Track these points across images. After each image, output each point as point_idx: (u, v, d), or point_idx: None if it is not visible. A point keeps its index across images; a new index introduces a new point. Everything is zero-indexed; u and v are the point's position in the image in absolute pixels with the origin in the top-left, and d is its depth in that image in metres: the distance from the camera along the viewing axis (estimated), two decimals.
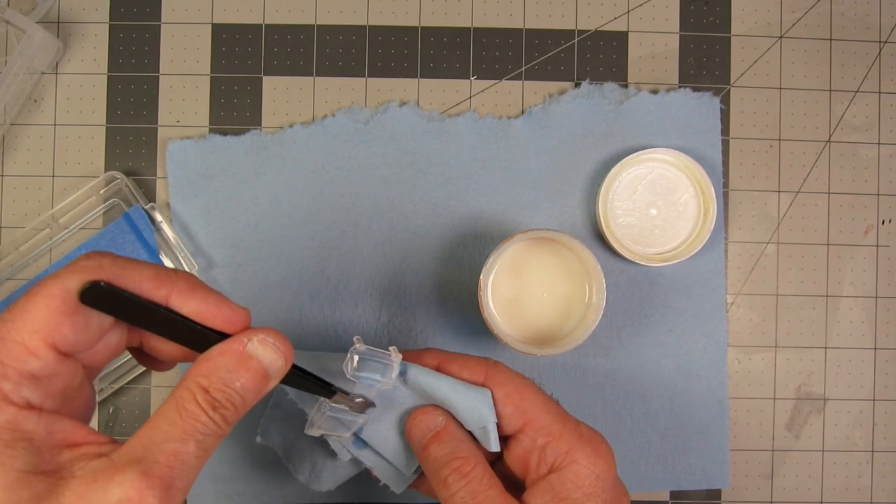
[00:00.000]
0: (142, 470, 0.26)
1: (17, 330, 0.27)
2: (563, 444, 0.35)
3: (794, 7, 0.52)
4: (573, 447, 0.35)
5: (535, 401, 0.37)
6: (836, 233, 0.52)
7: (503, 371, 0.38)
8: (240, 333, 0.31)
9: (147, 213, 0.49)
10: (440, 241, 0.51)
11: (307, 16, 0.51)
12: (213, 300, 0.31)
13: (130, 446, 0.28)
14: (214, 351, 0.30)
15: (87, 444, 0.28)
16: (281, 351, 0.31)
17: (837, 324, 0.52)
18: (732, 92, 0.52)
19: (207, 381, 0.29)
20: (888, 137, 0.52)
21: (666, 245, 0.50)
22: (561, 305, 0.47)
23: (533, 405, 0.36)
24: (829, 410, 0.52)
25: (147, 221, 0.49)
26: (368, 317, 0.50)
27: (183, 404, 0.29)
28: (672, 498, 0.51)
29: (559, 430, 0.36)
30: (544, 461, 0.35)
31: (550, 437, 0.35)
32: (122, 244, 0.50)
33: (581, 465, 0.35)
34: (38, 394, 0.28)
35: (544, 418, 0.36)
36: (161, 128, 0.51)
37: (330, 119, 0.51)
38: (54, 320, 0.27)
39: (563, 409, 0.37)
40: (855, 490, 0.52)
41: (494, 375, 0.37)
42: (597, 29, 0.52)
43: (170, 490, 0.27)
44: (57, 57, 0.51)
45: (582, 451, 0.35)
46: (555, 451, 0.35)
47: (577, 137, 0.51)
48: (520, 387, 0.37)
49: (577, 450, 0.35)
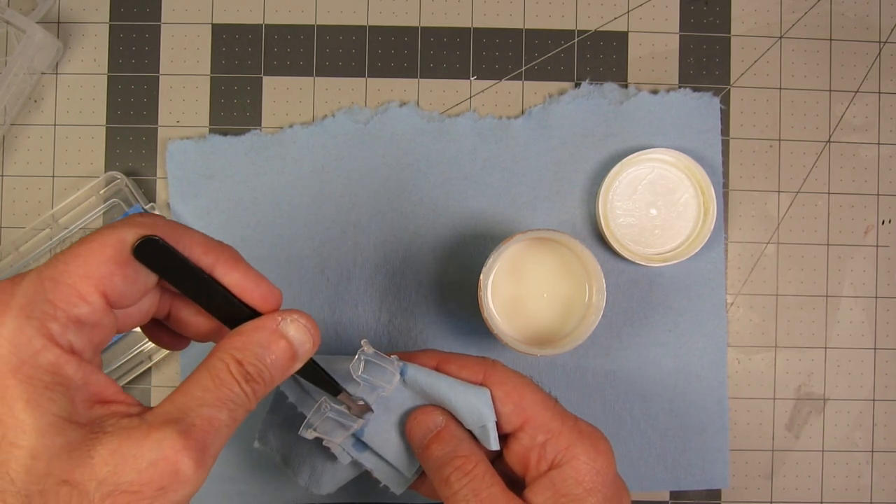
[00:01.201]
0: (180, 430, 0.26)
1: (69, 273, 0.27)
2: (562, 440, 0.35)
3: (794, 7, 0.52)
4: (573, 443, 0.35)
5: (533, 399, 0.37)
6: (835, 233, 0.52)
7: (501, 370, 0.38)
8: (273, 312, 0.32)
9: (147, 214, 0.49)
10: (440, 241, 0.51)
11: (307, 16, 0.51)
12: (253, 275, 0.31)
13: (164, 408, 0.27)
14: (248, 326, 0.31)
15: (118, 402, 0.28)
16: (311, 333, 0.32)
17: (837, 324, 0.52)
18: (732, 92, 0.52)
19: (241, 354, 0.30)
20: (888, 137, 0.52)
21: (666, 245, 0.50)
22: (561, 305, 0.47)
23: (532, 403, 0.37)
24: (828, 410, 0.52)
25: None
26: (368, 317, 0.50)
27: (216, 373, 0.29)
28: (672, 498, 0.51)
29: (558, 427, 0.36)
30: (544, 458, 0.35)
31: (550, 434, 0.36)
32: None
33: (581, 461, 0.35)
34: (81, 340, 0.27)
35: (543, 416, 0.36)
36: (161, 128, 0.51)
37: (330, 119, 0.51)
38: (107, 268, 0.27)
39: (562, 407, 0.37)
40: (855, 490, 0.52)
41: (493, 374, 0.38)
42: (597, 29, 0.52)
43: (204, 454, 0.27)
44: (57, 57, 0.51)
45: (581, 447, 0.35)
46: (554, 448, 0.35)
47: (577, 137, 0.51)
48: (518, 385, 0.37)
49: (577, 446, 0.35)
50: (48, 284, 0.26)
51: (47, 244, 0.50)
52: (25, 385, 0.25)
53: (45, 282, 0.27)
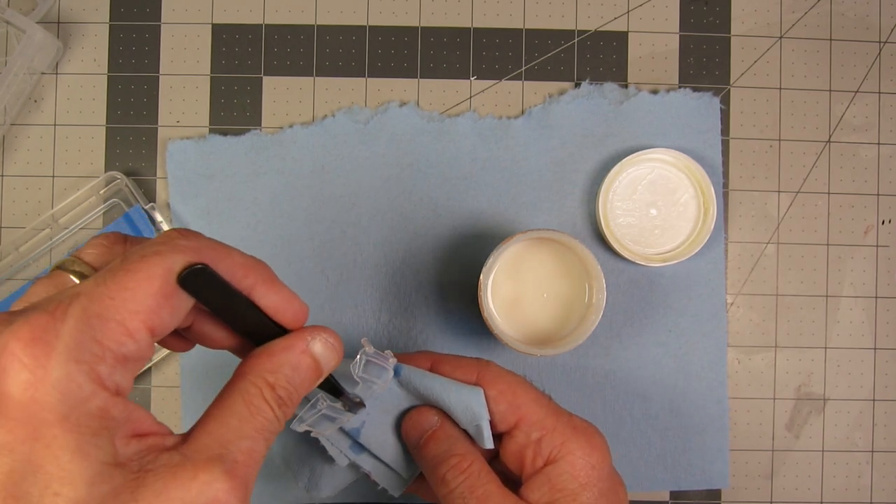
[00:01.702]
0: (226, 469, 0.25)
1: (117, 309, 0.25)
2: (557, 436, 0.35)
3: (794, 7, 0.52)
4: (567, 439, 0.35)
5: (527, 397, 0.37)
6: (835, 233, 0.52)
7: (495, 369, 0.38)
8: (302, 331, 0.30)
9: (147, 214, 0.49)
10: (440, 241, 0.51)
11: (307, 16, 0.51)
12: (288, 295, 0.30)
13: (203, 442, 0.26)
14: (278, 346, 0.29)
15: (154, 434, 0.26)
16: (336, 351, 0.31)
17: (837, 324, 0.52)
18: (732, 92, 0.52)
19: (273, 378, 0.29)
20: (888, 137, 0.52)
21: (666, 245, 0.50)
22: (561, 305, 0.47)
23: (526, 401, 0.37)
24: (828, 410, 0.52)
25: (147, 222, 0.49)
26: (368, 317, 0.50)
27: (251, 399, 0.28)
28: (672, 498, 0.51)
29: (553, 424, 0.36)
30: (539, 455, 0.36)
31: (544, 431, 0.36)
32: None
33: (576, 456, 0.35)
34: (125, 378, 0.26)
35: (537, 413, 0.36)
36: (161, 128, 0.51)
37: (330, 119, 0.51)
38: (155, 301, 0.25)
39: (556, 404, 0.37)
40: (855, 490, 0.52)
41: (486, 374, 0.38)
42: (597, 29, 0.52)
43: (248, 491, 0.26)
44: (57, 57, 0.51)
45: (576, 442, 0.35)
46: (549, 444, 0.35)
47: (577, 137, 0.51)
48: (512, 384, 0.37)
49: (572, 441, 0.35)
50: (95, 322, 0.25)
51: (47, 244, 0.50)
52: (73, 434, 0.24)
53: (93, 319, 0.25)
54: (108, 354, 0.25)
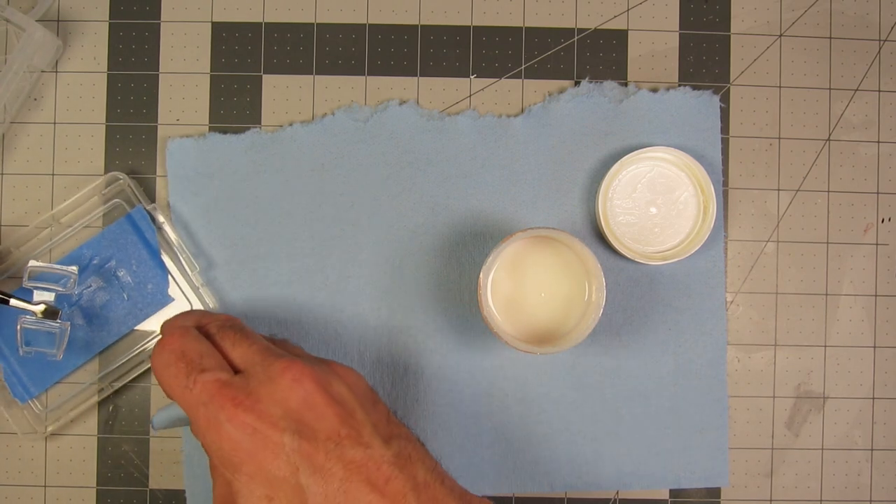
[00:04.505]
0: None
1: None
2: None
3: (793, 5, 0.52)
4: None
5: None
6: (835, 231, 0.52)
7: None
8: None
9: (149, 214, 0.49)
10: (440, 240, 0.51)
11: (307, 14, 0.51)
12: None
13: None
14: None
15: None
16: None
17: (837, 322, 0.52)
18: (732, 90, 0.52)
19: None
20: (888, 136, 0.52)
21: (665, 243, 0.50)
22: (560, 304, 0.47)
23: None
24: (828, 409, 0.52)
25: (149, 222, 0.49)
26: (367, 315, 0.50)
27: None
28: (671, 496, 0.51)
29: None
30: None
31: None
32: (124, 245, 0.50)
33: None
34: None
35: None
36: (161, 126, 0.51)
37: (329, 117, 0.51)
38: None
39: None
40: (854, 488, 0.52)
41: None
42: (596, 27, 0.52)
43: None
44: (57, 55, 0.51)
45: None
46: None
47: (576, 136, 0.51)
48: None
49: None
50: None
51: (47, 244, 0.50)
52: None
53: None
54: None
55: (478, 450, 0.50)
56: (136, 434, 0.50)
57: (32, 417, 0.49)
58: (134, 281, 0.50)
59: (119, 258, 0.50)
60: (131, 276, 0.50)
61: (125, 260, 0.50)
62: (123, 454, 0.50)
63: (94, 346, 0.50)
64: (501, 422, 0.50)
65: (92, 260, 0.50)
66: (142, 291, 0.50)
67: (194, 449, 0.50)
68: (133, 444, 0.50)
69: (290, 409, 0.34)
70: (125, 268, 0.50)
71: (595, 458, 0.50)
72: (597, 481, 0.50)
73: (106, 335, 0.50)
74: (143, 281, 0.50)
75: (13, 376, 0.49)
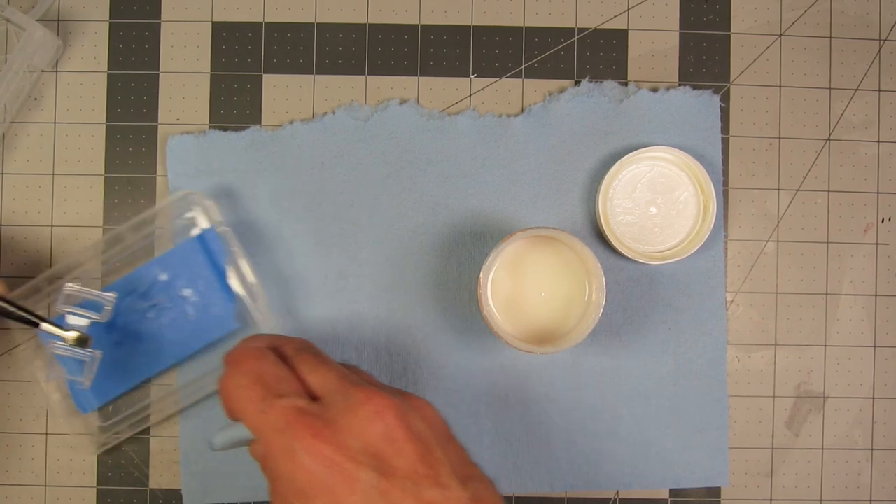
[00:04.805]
0: None
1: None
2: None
3: (793, 5, 0.52)
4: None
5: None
6: (835, 231, 0.52)
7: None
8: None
9: (221, 237, 0.48)
10: (440, 239, 0.51)
11: (307, 14, 0.52)
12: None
13: None
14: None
15: None
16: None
17: (837, 322, 0.52)
18: (732, 90, 0.52)
19: None
20: (888, 135, 0.52)
21: (666, 243, 0.50)
22: (561, 304, 0.47)
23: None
24: (828, 408, 0.52)
25: (220, 244, 0.48)
26: (367, 314, 0.50)
27: None
28: (672, 496, 0.51)
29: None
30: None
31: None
32: (193, 265, 0.49)
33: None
34: None
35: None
36: (161, 126, 0.51)
37: (330, 116, 0.51)
38: None
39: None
40: (854, 488, 0.52)
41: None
42: (597, 27, 0.52)
43: None
44: (57, 55, 0.51)
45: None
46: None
47: (576, 135, 0.51)
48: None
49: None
50: None
51: (116, 258, 0.50)
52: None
53: None
54: None
55: (478, 450, 0.50)
56: (135, 434, 0.50)
57: (90, 428, 0.49)
58: (199, 302, 0.49)
59: (187, 278, 0.49)
60: (197, 297, 0.49)
61: (192, 280, 0.49)
62: (123, 454, 0.50)
63: (156, 365, 0.49)
64: (501, 422, 0.50)
65: (159, 276, 0.49)
66: (206, 314, 0.49)
67: (191, 448, 0.50)
68: (133, 444, 0.50)
69: (369, 442, 0.34)
70: (192, 288, 0.49)
71: (595, 458, 0.50)
72: (597, 481, 0.50)
73: (168, 355, 0.49)
74: (208, 303, 0.49)
75: (76, 385, 0.48)
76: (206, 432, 0.50)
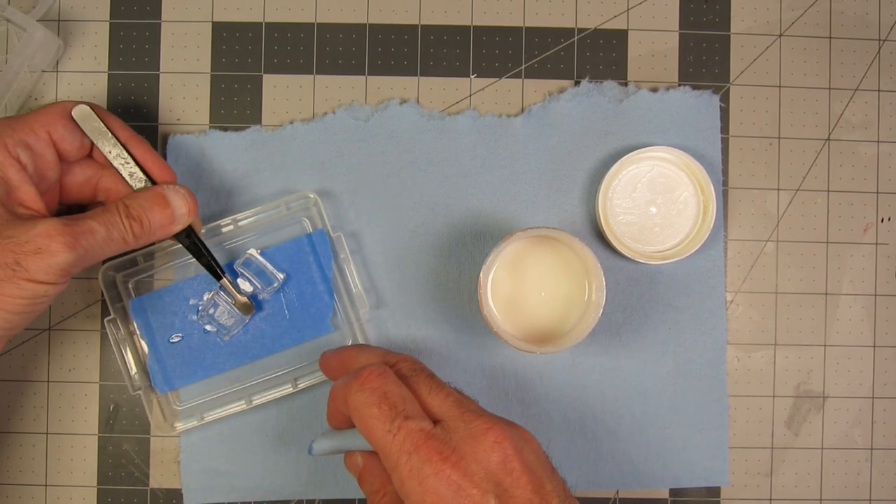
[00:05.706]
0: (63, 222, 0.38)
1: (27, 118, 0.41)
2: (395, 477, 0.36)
3: (793, 5, 0.52)
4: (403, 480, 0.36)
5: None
6: (835, 230, 0.52)
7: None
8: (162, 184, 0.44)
9: (330, 240, 0.49)
10: (440, 239, 0.51)
11: (307, 14, 0.52)
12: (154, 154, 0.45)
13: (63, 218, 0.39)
14: (141, 189, 0.43)
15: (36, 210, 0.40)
16: (187, 201, 0.44)
17: (837, 321, 0.52)
18: (732, 90, 0.52)
19: (129, 202, 0.42)
20: (887, 135, 0.52)
21: (665, 243, 0.50)
22: (560, 303, 0.47)
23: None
24: (828, 408, 0.52)
25: (328, 248, 0.49)
26: (367, 314, 0.50)
27: (107, 207, 0.41)
28: (672, 495, 0.51)
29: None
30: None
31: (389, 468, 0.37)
32: (298, 263, 0.49)
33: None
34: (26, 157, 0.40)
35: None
36: (161, 126, 0.51)
37: (330, 116, 0.51)
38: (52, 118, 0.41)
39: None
40: (854, 488, 0.52)
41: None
42: (597, 27, 0.52)
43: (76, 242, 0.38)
44: (57, 55, 0.51)
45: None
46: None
47: (576, 135, 0.51)
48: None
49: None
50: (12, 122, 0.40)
51: (231, 241, 0.50)
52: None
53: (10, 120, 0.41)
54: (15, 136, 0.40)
55: None
56: (136, 433, 0.50)
57: (167, 410, 0.49)
58: (299, 301, 0.49)
59: (291, 274, 0.49)
60: (297, 295, 0.49)
61: (296, 277, 0.49)
62: (124, 453, 0.50)
63: (247, 355, 0.49)
64: None
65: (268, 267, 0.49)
66: (304, 313, 0.49)
67: (192, 447, 0.50)
68: (133, 444, 0.50)
69: (490, 470, 0.35)
70: (294, 286, 0.49)
71: (595, 458, 0.50)
72: (597, 481, 0.50)
73: (260, 347, 0.49)
74: (307, 303, 0.49)
75: (157, 364, 0.49)
76: (205, 432, 0.50)
